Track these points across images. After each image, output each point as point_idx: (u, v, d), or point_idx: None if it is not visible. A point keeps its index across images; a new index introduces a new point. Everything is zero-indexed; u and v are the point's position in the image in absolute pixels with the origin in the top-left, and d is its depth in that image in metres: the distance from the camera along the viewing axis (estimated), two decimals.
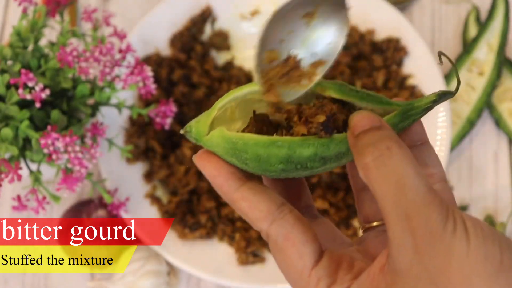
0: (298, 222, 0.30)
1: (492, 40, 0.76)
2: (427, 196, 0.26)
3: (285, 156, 0.30)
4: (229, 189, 0.31)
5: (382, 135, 0.28)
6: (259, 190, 0.31)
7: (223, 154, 0.31)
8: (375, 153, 0.27)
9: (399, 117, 0.31)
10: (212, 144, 0.31)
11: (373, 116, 0.29)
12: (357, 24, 0.74)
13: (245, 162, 0.30)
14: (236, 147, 0.30)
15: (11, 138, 0.53)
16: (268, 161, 0.30)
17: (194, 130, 0.32)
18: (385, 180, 0.26)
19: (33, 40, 0.57)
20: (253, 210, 0.30)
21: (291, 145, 0.30)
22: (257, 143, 0.30)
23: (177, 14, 0.74)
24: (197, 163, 0.32)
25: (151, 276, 0.63)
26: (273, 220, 0.30)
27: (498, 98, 0.75)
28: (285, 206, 0.30)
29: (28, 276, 0.68)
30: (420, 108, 0.32)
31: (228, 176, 0.31)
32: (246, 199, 0.30)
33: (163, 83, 0.71)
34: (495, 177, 0.73)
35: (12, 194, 0.63)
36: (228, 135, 0.30)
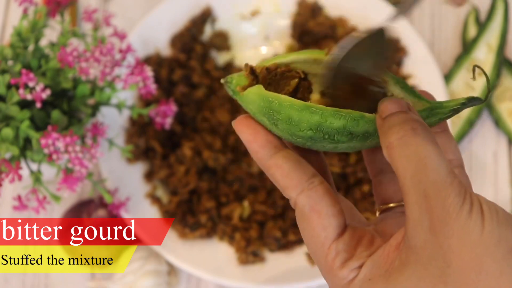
0: (327, 194, 0.31)
1: (491, 40, 0.76)
2: (447, 177, 0.27)
3: (316, 123, 0.30)
4: (264, 156, 0.31)
5: (408, 117, 0.29)
6: (292, 159, 0.31)
7: (256, 111, 0.32)
8: (400, 133, 0.28)
9: (426, 113, 0.32)
10: (248, 99, 0.32)
11: (402, 101, 0.30)
12: (357, 24, 0.74)
13: (275, 122, 0.31)
14: (270, 106, 0.31)
15: (12, 138, 0.53)
16: (298, 125, 0.31)
17: (235, 82, 0.33)
18: (408, 159, 0.27)
19: (33, 41, 0.57)
20: (285, 178, 0.31)
21: (324, 113, 0.30)
22: (291, 105, 0.30)
23: (177, 15, 0.75)
24: (235, 127, 0.32)
25: (151, 276, 0.63)
26: (302, 189, 0.31)
27: (498, 98, 0.75)
28: (316, 178, 0.31)
29: (28, 276, 0.68)
30: (448, 108, 0.32)
31: (264, 143, 0.31)
32: (279, 167, 0.31)
33: (163, 83, 0.72)
34: (494, 177, 0.73)
35: (13, 194, 0.63)
36: (265, 93, 0.31)
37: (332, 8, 0.75)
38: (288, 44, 0.76)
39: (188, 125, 0.71)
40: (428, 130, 0.28)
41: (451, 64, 0.77)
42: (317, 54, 0.32)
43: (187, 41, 0.74)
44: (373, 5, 0.73)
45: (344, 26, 0.74)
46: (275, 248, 0.65)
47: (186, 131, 0.71)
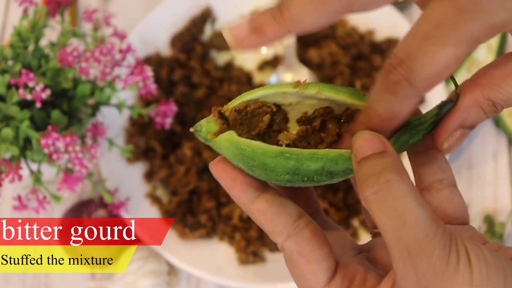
0: (314, 237, 0.30)
1: (491, 40, 0.76)
2: (429, 230, 0.25)
3: (292, 168, 0.29)
4: (246, 201, 0.30)
5: (383, 165, 0.27)
6: (275, 202, 0.30)
7: (231, 157, 0.31)
8: (375, 187, 0.26)
9: (408, 134, 0.31)
10: (221, 146, 0.31)
11: (377, 139, 0.28)
12: (357, 24, 0.74)
13: (251, 168, 0.30)
14: (243, 153, 0.30)
15: (12, 138, 0.53)
16: (274, 171, 0.30)
17: (204, 130, 0.31)
18: (386, 215, 0.26)
19: (33, 40, 0.57)
20: (269, 224, 0.30)
21: (299, 157, 0.29)
22: (265, 152, 0.30)
23: (177, 15, 0.75)
24: (213, 172, 0.31)
25: (151, 276, 0.63)
26: (288, 235, 0.30)
27: None
28: (302, 220, 0.30)
29: (28, 276, 0.68)
30: (427, 123, 0.31)
31: (244, 187, 0.30)
32: (262, 212, 0.30)
33: (163, 83, 0.72)
34: (494, 177, 0.73)
35: (13, 194, 0.63)
36: (237, 141, 0.30)
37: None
38: (288, 44, 0.76)
39: (188, 125, 0.71)
40: (404, 179, 0.26)
41: None
42: (285, 87, 0.31)
43: (187, 41, 0.74)
44: None
45: (344, 26, 0.74)
46: (275, 248, 0.65)
47: (186, 131, 0.71)
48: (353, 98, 0.31)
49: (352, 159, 0.28)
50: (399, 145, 0.31)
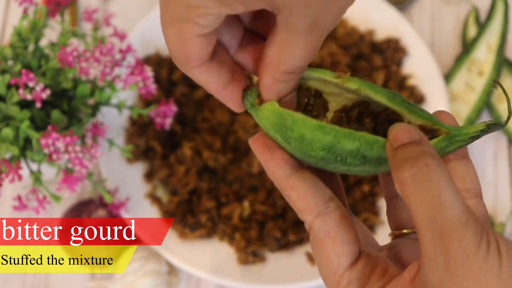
0: (343, 220, 0.30)
1: (491, 40, 0.76)
2: (462, 215, 0.26)
3: (329, 143, 0.30)
4: (281, 176, 0.31)
5: (421, 150, 0.27)
6: (309, 181, 0.31)
7: (269, 127, 0.31)
8: (413, 169, 0.27)
9: (446, 142, 0.31)
10: (263, 115, 0.31)
11: (413, 129, 0.28)
12: (357, 24, 0.74)
13: (288, 140, 0.30)
14: (283, 123, 0.30)
15: (12, 138, 0.53)
16: (310, 144, 0.30)
17: (254, 95, 0.32)
18: (421, 197, 0.26)
19: (33, 40, 0.57)
20: (301, 201, 0.30)
21: (337, 134, 0.30)
22: (305, 123, 0.30)
23: None
24: (252, 145, 0.32)
25: (151, 276, 0.63)
26: (318, 213, 0.30)
27: (498, 98, 0.75)
28: (333, 202, 0.31)
29: (28, 276, 0.68)
30: (467, 136, 0.32)
31: (281, 163, 0.31)
32: (295, 188, 0.30)
33: (163, 83, 0.72)
34: (494, 177, 0.73)
35: (13, 194, 0.63)
36: (280, 110, 0.30)
37: None
38: None
39: (188, 125, 0.71)
40: (442, 165, 0.27)
41: (451, 64, 0.77)
42: (328, 75, 0.32)
43: None
44: (373, 5, 0.73)
45: (344, 26, 0.74)
46: (275, 248, 0.65)
47: (186, 131, 0.71)
48: (392, 102, 0.31)
49: (387, 147, 0.29)
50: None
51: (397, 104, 0.31)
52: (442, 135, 0.31)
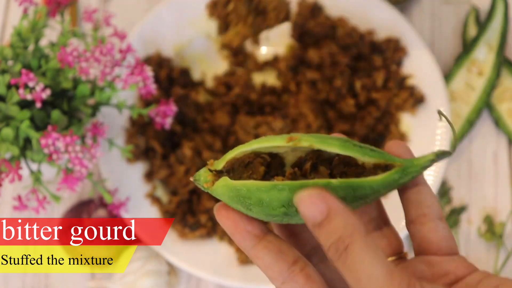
0: (308, 282, 0.31)
1: (491, 40, 0.76)
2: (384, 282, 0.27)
3: (286, 198, 0.31)
4: (245, 247, 0.32)
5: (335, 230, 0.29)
6: (272, 248, 0.32)
7: (229, 201, 0.33)
8: (336, 255, 0.29)
9: (399, 174, 0.33)
10: (218, 193, 0.33)
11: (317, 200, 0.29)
12: (357, 24, 0.74)
13: (249, 208, 0.32)
14: (240, 194, 0.32)
15: (12, 138, 0.53)
16: (270, 205, 0.31)
17: (202, 179, 0.34)
18: (347, 274, 0.28)
19: (33, 40, 0.57)
20: (267, 269, 0.32)
21: (291, 188, 0.31)
22: (259, 188, 0.31)
23: (177, 14, 0.75)
24: (217, 218, 0.33)
25: (151, 276, 0.63)
26: (284, 280, 0.31)
27: (498, 98, 0.75)
28: (297, 266, 0.32)
29: (28, 276, 0.68)
30: (419, 166, 0.33)
31: (244, 235, 0.32)
32: (260, 258, 0.32)
33: (163, 83, 0.72)
34: (494, 177, 0.73)
35: (13, 194, 0.63)
36: (232, 184, 0.32)
37: (332, 8, 0.75)
38: (288, 44, 0.76)
39: (188, 125, 0.71)
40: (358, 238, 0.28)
41: (451, 64, 0.77)
42: (279, 141, 0.33)
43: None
44: (373, 5, 0.73)
45: (344, 26, 0.74)
46: None
47: (186, 131, 0.71)
48: (344, 149, 0.33)
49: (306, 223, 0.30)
50: (389, 183, 0.33)
51: (349, 150, 0.33)
52: (396, 167, 0.33)
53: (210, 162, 0.34)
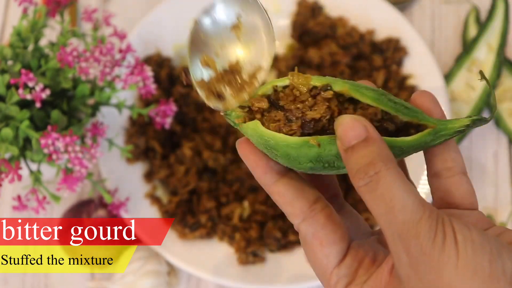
0: (328, 221, 0.31)
1: (492, 40, 0.76)
2: (415, 214, 0.27)
3: (315, 155, 0.30)
4: (267, 182, 0.32)
5: (369, 155, 0.28)
6: (294, 186, 0.32)
7: (256, 144, 0.32)
8: (365, 179, 0.28)
9: (431, 136, 0.32)
10: (247, 133, 0.32)
11: (358, 124, 0.29)
12: (357, 24, 0.74)
13: (275, 157, 0.31)
14: (267, 143, 0.31)
15: (11, 138, 0.53)
16: (297, 160, 0.31)
17: (234, 114, 0.33)
18: (377, 203, 0.28)
19: (33, 40, 0.57)
20: (287, 206, 0.32)
21: (321, 142, 0.30)
22: (288, 144, 0.30)
23: (177, 14, 0.74)
24: (239, 151, 0.33)
25: (151, 276, 0.63)
26: (304, 218, 0.32)
27: (498, 98, 0.75)
28: (318, 204, 0.32)
29: (28, 276, 0.68)
30: (453, 130, 0.32)
31: (266, 170, 0.32)
32: (281, 194, 0.32)
33: (163, 83, 0.71)
34: (495, 177, 0.73)
35: (13, 194, 0.63)
36: (261, 131, 0.31)
37: (332, 8, 0.75)
38: (288, 44, 0.76)
39: (188, 125, 0.71)
40: (391, 168, 0.28)
41: (451, 63, 0.77)
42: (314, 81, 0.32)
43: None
44: (373, 5, 0.73)
45: (344, 26, 0.74)
46: (275, 248, 0.65)
47: (186, 131, 0.71)
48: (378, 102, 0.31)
49: (339, 147, 0.30)
50: (419, 144, 0.32)
51: (383, 104, 0.31)
52: (428, 129, 0.32)
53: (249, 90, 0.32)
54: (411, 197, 0.27)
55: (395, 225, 0.27)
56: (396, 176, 0.28)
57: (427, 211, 0.27)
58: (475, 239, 0.27)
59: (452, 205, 0.33)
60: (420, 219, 0.27)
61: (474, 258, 0.26)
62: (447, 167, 0.33)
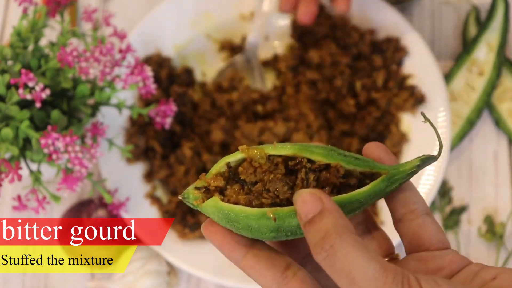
0: (302, 285, 0.31)
1: (492, 40, 0.76)
2: (378, 281, 0.27)
3: (276, 226, 0.31)
4: (236, 259, 0.32)
5: (324, 228, 0.28)
6: (263, 256, 0.32)
7: (218, 220, 0.32)
8: (322, 254, 0.28)
9: (386, 182, 0.33)
10: (208, 212, 0.32)
11: (314, 198, 0.29)
12: (357, 24, 0.74)
13: (238, 230, 0.32)
14: (228, 217, 0.31)
15: (12, 138, 0.53)
16: (259, 231, 0.31)
17: (192, 197, 0.33)
18: (338, 276, 0.28)
19: (33, 40, 0.57)
20: (259, 278, 0.32)
21: (280, 216, 0.31)
22: (247, 215, 0.31)
23: (177, 14, 0.74)
24: (204, 234, 0.33)
25: (151, 276, 0.63)
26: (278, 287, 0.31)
27: (498, 98, 0.75)
28: (289, 271, 0.31)
29: (28, 276, 0.68)
30: (405, 173, 0.33)
31: (233, 247, 0.32)
32: (251, 267, 0.32)
33: (163, 83, 0.71)
34: (495, 177, 0.73)
35: (12, 194, 0.63)
36: (221, 206, 0.32)
37: (332, 8, 0.75)
38: (288, 44, 0.76)
39: (188, 125, 0.71)
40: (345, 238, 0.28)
41: (451, 63, 0.77)
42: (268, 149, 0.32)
43: None
44: (373, 5, 0.73)
45: (344, 26, 0.74)
46: None
47: (186, 131, 0.71)
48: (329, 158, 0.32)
49: (298, 220, 0.30)
50: (376, 193, 0.32)
51: (334, 159, 0.32)
52: (382, 176, 0.33)
53: (201, 176, 0.33)
54: (371, 265, 0.27)
55: None
56: (352, 246, 0.28)
57: (390, 275, 0.27)
58: None
59: (422, 247, 0.33)
60: (384, 285, 0.27)
61: None
62: (409, 210, 0.34)
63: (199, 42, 0.76)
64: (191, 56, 0.76)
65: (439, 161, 0.65)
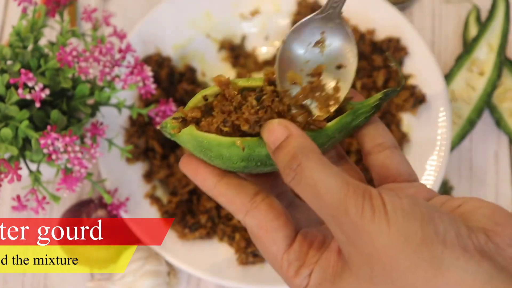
0: (270, 209, 0.33)
1: (492, 40, 0.76)
2: (339, 193, 0.28)
3: (246, 155, 0.32)
4: (208, 187, 0.34)
5: (291, 150, 0.30)
6: (233, 184, 0.34)
7: (192, 150, 0.34)
8: (291, 174, 0.30)
9: (351, 116, 0.35)
10: (184, 140, 0.34)
11: (280, 127, 0.31)
12: (357, 24, 0.74)
13: (211, 159, 0.33)
14: (202, 145, 0.33)
15: (11, 138, 0.53)
16: (230, 159, 0.33)
17: (169, 126, 0.35)
18: (305, 192, 0.29)
19: (32, 40, 0.57)
20: (230, 204, 0.33)
21: (250, 145, 0.32)
22: (219, 143, 0.33)
23: (177, 14, 0.74)
24: (180, 166, 0.35)
25: (151, 276, 0.63)
26: (247, 211, 0.33)
27: (499, 98, 0.75)
28: (259, 196, 0.33)
29: (28, 276, 0.68)
30: (369, 106, 0.35)
31: (206, 176, 0.34)
32: (222, 195, 0.34)
33: (163, 83, 0.71)
34: (495, 177, 0.73)
35: (12, 194, 0.63)
36: (195, 134, 0.33)
37: None
38: None
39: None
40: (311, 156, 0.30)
41: (451, 63, 0.77)
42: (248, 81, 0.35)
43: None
44: (373, 4, 0.73)
45: None
46: None
47: None
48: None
49: (268, 150, 0.32)
50: (342, 126, 0.34)
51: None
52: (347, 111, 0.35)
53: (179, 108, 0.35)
54: (334, 179, 0.29)
55: (325, 209, 0.28)
56: (317, 163, 0.29)
57: (351, 188, 0.28)
58: (405, 207, 0.28)
59: (390, 178, 0.35)
60: (345, 196, 0.28)
61: (405, 225, 0.27)
62: (377, 144, 0.35)
63: (198, 42, 0.76)
64: (190, 56, 0.76)
65: (439, 161, 0.65)
